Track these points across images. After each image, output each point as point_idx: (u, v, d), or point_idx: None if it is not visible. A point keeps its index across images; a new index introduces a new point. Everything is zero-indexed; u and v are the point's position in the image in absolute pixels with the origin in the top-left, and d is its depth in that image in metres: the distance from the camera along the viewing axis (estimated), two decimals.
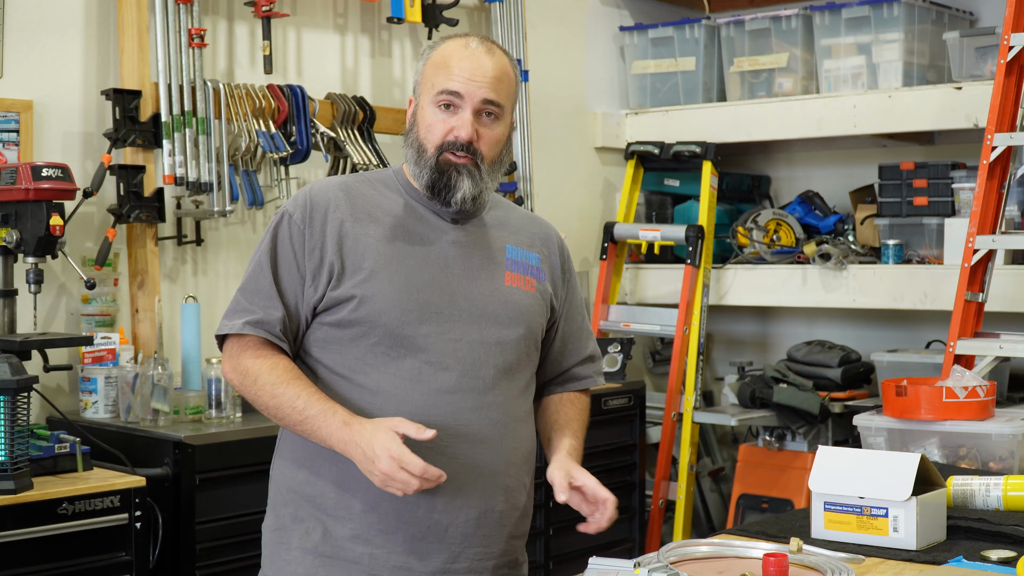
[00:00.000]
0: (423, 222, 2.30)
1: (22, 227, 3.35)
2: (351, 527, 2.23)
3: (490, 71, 2.26)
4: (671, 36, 5.29)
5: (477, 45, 2.28)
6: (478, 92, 2.24)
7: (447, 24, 4.56)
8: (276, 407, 2.21)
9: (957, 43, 4.61)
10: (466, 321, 2.26)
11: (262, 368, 2.22)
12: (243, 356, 2.24)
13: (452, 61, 2.26)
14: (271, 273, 2.25)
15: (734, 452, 5.21)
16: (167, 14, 3.83)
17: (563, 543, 4.21)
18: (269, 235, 2.29)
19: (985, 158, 3.87)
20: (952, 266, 4.31)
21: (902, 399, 3.44)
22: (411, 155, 2.30)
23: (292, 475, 2.29)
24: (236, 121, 3.97)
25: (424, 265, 2.26)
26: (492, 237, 2.36)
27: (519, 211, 2.49)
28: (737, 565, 2.17)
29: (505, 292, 2.32)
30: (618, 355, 4.57)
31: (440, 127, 2.25)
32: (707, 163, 5.01)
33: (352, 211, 2.27)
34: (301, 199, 2.29)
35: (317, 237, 2.24)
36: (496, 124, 2.29)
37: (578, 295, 2.52)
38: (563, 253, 2.49)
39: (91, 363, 3.58)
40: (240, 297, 2.27)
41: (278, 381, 2.20)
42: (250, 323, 2.22)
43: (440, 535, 2.23)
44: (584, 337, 2.51)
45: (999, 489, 2.55)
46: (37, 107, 3.67)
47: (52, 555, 2.99)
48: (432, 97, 2.26)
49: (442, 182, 2.26)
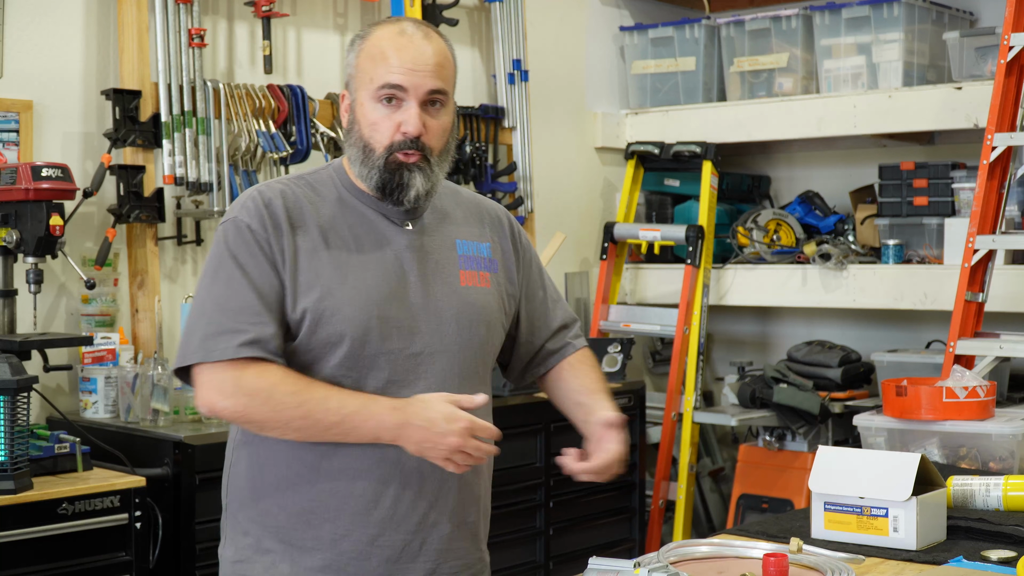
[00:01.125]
0: (373, 228, 2.16)
1: (22, 227, 3.35)
2: (321, 557, 2.12)
3: (431, 58, 2.12)
4: (671, 36, 5.29)
5: (413, 30, 2.14)
6: (423, 83, 2.10)
7: (447, 24, 4.56)
8: (303, 416, 2.03)
9: (957, 43, 4.61)
10: (428, 333, 2.15)
11: (273, 382, 2.03)
12: (243, 378, 2.02)
13: (389, 51, 2.11)
14: (251, 287, 2.05)
15: (734, 452, 5.21)
16: (167, 14, 3.83)
17: (563, 543, 4.22)
18: (227, 253, 2.08)
19: (985, 158, 3.87)
20: (952, 266, 4.31)
21: (902, 399, 3.44)
22: (355, 155, 2.16)
23: (251, 505, 2.16)
24: (236, 121, 3.97)
25: (381, 278, 2.12)
26: (442, 235, 2.24)
27: (463, 196, 2.35)
28: (737, 565, 2.17)
29: (463, 294, 2.21)
30: (618, 355, 4.57)
31: (386, 124, 2.11)
32: (707, 163, 5.01)
33: (303, 218, 2.12)
34: (253, 207, 2.10)
35: (275, 248, 2.08)
36: (442, 113, 2.15)
37: (536, 268, 2.40)
38: (514, 231, 2.36)
39: (91, 363, 3.58)
40: (219, 317, 2.04)
41: (299, 390, 2.03)
42: (245, 344, 2.02)
43: (415, 554, 2.15)
44: (550, 310, 2.40)
45: (999, 489, 2.55)
46: (37, 107, 3.67)
47: (52, 555, 2.99)
48: (372, 92, 2.11)
49: (394, 182, 2.13)
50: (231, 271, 2.07)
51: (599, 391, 2.33)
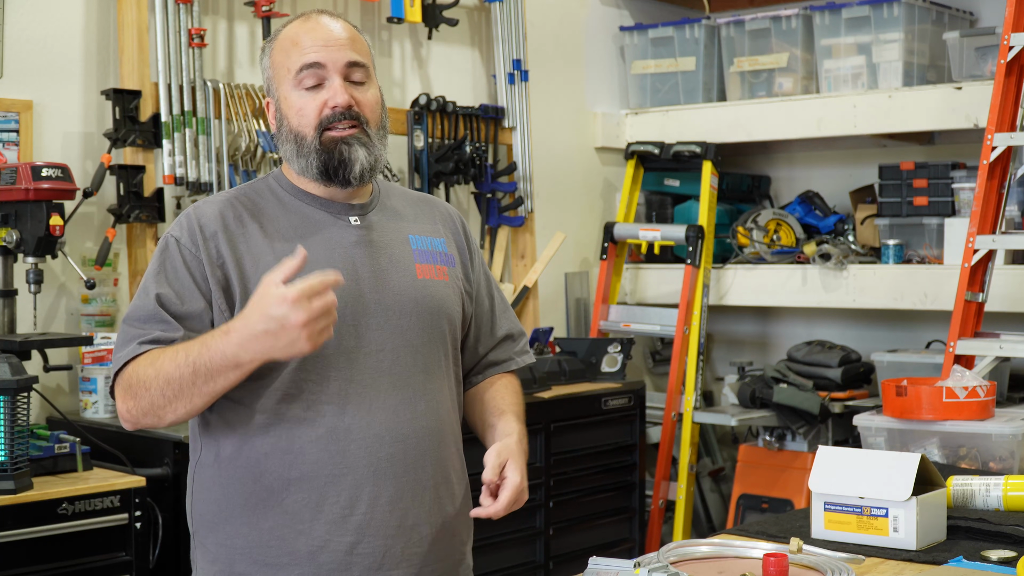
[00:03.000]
0: (320, 229, 2.12)
1: (22, 227, 3.35)
2: (299, 572, 2.05)
3: (343, 33, 2.12)
4: (671, 36, 5.29)
5: (318, 15, 2.15)
6: (339, 56, 2.09)
7: (447, 24, 4.56)
8: (166, 382, 1.94)
9: (957, 43, 4.61)
10: (385, 329, 2.10)
11: (137, 366, 1.99)
12: (124, 378, 2.00)
13: (300, 37, 2.11)
14: (158, 301, 2.03)
15: (734, 452, 5.21)
16: (167, 14, 3.83)
17: (563, 543, 4.21)
18: (156, 264, 2.08)
19: (985, 158, 3.87)
20: (952, 266, 4.31)
21: (902, 399, 3.44)
22: (290, 151, 2.12)
23: (220, 527, 2.10)
24: (236, 121, 3.97)
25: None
26: (393, 230, 2.19)
27: (412, 195, 2.32)
28: (737, 565, 2.17)
29: (420, 287, 2.16)
30: (618, 355, 4.57)
31: (311, 106, 2.08)
32: (707, 163, 5.01)
33: (243, 227, 2.09)
34: (186, 223, 2.09)
35: (215, 258, 2.06)
36: (367, 87, 2.13)
37: (484, 275, 2.35)
38: (466, 231, 2.33)
39: (91, 363, 3.58)
40: (127, 327, 2.04)
41: (153, 359, 1.97)
42: (146, 342, 2.00)
43: (396, 561, 2.09)
44: (496, 319, 2.34)
45: (999, 489, 2.55)
46: (37, 107, 3.67)
47: (52, 555, 2.99)
48: (292, 79, 2.10)
49: (334, 161, 2.08)
50: (148, 287, 2.06)
51: (510, 413, 2.25)
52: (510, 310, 2.40)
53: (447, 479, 2.18)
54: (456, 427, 2.25)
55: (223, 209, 2.11)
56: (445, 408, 2.19)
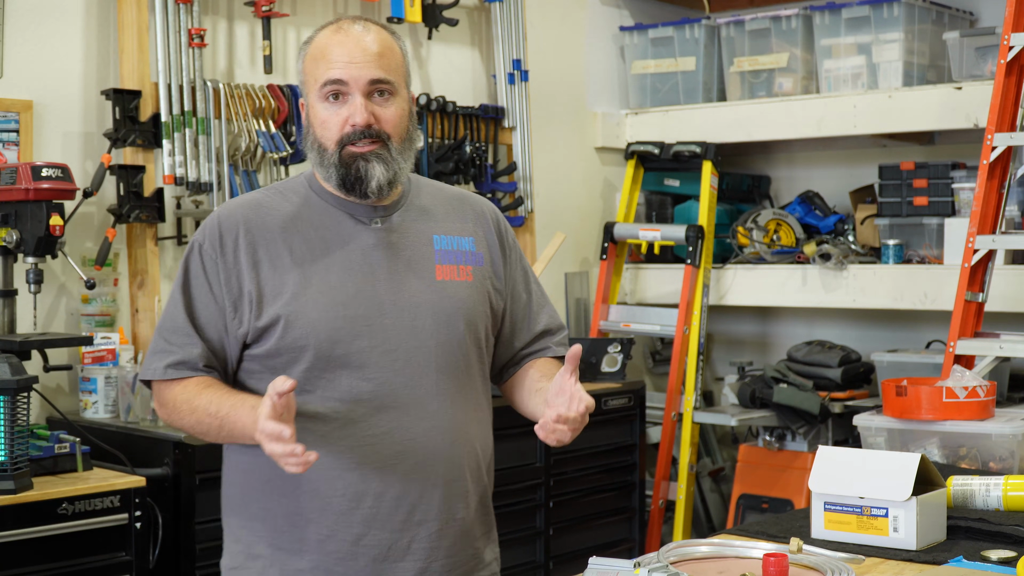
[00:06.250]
0: (341, 227, 2.18)
1: (22, 227, 3.35)
2: (309, 559, 2.13)
3: (371, 49, 2.14)
4: (671, 36, 5.29)
5: (350, 25, 2.17)
6: (362, 74, 2.13)
7: (447, 24, 4.56)
8: (198, 422, 2.12)
9: (957, 43, 4.61)
10: (400, 329, 2.15)
11: (179, 395, 2.14)
12: (166, 393, 2.16)
13: (329, 49, 2.15)
14: (184, 309, 2.15)
15: (734, 452, 5.21)
16: (167, 14, 3.83)
17: (563, 543, 4.22)
18: (181, 269, 2.19)
19: (985, 158, 3.87)
20: (952, 266, 4.31)
21: (902, 399, 3.44)
22: (314, 158, 2.19)
23: (242, 510, 2.20)
24: (236, 121, 3.97)
25: (347, 276, 2.14)
26: (417, 231, 2.23)
27: (447, 192, 2.36)
28: (737, 565, 2.17)
29: (438, 288, 2.20)
30: (618, 355, 4.57)
31: (334, 121, 2.14)
32: (707, 163, 5.01)
33: (265, 230, 2.16)
34: (209, 227, 2.18)
35: (231, 266, 2.15)
36: (391, 102, 2.17)
37: (521, 270, 2.38)
38: (500, 227, 2.35)
39: (91, 363, 3.58)
40: (158, 337, 2.18)
41: (190, 398, 2.12)
42: (171, 366, 2.14)
43: (403, 553, 2.15)
44: (533, 313, 2.36)
45: (999, 489, 2.55)
46: (37, 107, 3.67)
47: (52, 555, 2.99)
48: (318, 92, 2.15)
49: (352, 176, 2.15)
50: (176, 292, 2.19)
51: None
52: (550, 305, 2.42)
53: (460, 477, 2.21)
54: (474, 426, 2.26)
55: (247, 212, 2.19)
56: (460, 407, 2.22)
